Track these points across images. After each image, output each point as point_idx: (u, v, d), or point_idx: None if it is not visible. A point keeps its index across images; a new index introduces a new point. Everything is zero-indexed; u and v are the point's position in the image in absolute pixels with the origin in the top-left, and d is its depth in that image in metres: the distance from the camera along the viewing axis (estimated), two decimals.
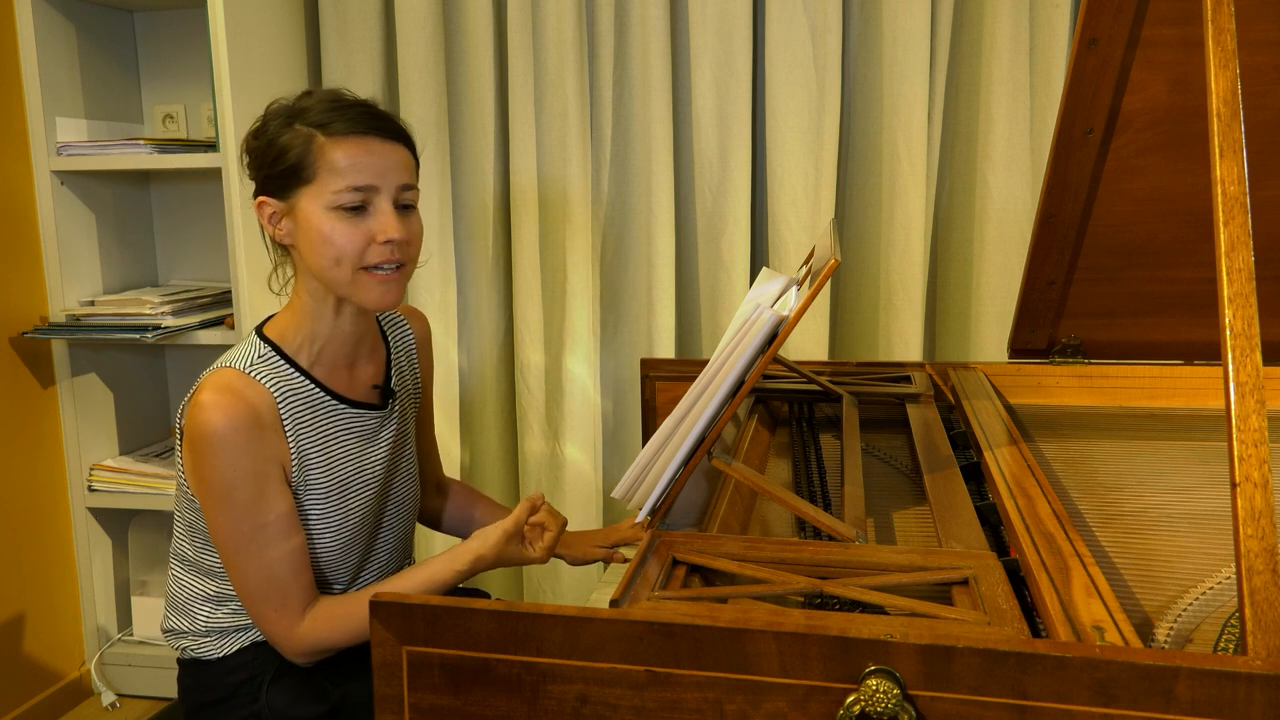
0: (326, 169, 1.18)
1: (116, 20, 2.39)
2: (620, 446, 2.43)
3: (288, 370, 1.23)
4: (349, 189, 1.18)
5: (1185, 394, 1.62)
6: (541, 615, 0.77)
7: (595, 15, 2.24)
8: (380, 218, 1.19)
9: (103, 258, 2.35)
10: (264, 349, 1.24)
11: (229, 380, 1.17)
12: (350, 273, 1.19)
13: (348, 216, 1.18)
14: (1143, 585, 0.97)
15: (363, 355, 1.32)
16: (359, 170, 1.18)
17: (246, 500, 1.17)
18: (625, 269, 2.35)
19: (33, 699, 2.27)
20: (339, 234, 1.18)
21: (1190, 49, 1.34)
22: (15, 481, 2.23)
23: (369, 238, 1.19)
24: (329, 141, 1.18)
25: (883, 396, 1.62)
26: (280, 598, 1.19)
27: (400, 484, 1.37)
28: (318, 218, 1.18)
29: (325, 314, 1.25)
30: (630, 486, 1.21)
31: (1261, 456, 0.77)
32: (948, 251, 2.26)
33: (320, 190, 1.18)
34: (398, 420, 1.35)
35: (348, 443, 1.28)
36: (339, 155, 1.18)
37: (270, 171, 1.21)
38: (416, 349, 1.44)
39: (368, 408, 1.31)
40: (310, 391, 1.25)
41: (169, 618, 1.32)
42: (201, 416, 1.15)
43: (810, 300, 1.09)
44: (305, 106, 1.21)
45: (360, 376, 1.32)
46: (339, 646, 1.22)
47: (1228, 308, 0.82)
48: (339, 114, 1.20)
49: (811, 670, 0.73)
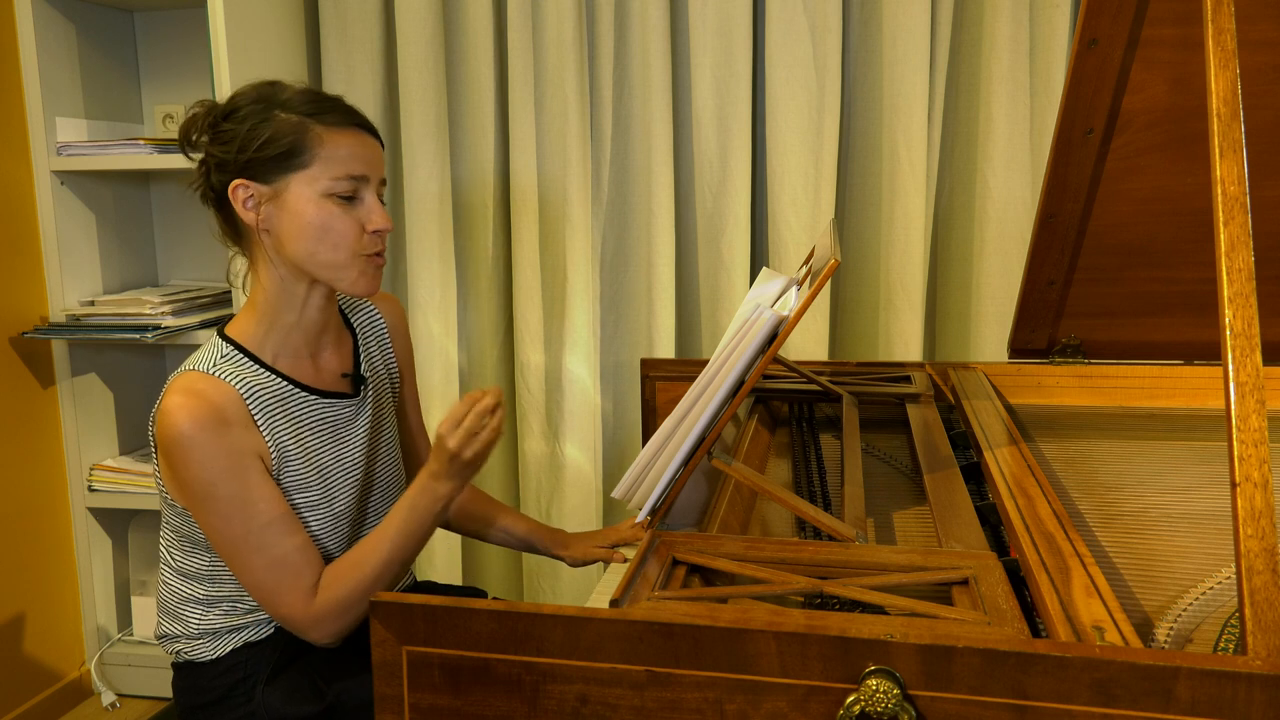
0: (325, 156, 1.19)
1: (116, 20, 2.39)
2: (620, 446, 2.42)
3: (252, 367, 1.24)
4: (348, 177, 1.20)
5: (1185, 394, 1.62)
6: (541, 615, 0.77)
7: (595, 15, 2.24)
8: (369, 208, 1.23)
9: (103, 258, 2.35)
10: (226, 348, 1.24)
11: (191, 382, 1.18)
12: (348, 258, 1.22)
13: (341, 204, 1.21)
14: (1143, 585, 0.97)
15: (326, 345, 1.33)
16: (357, 160, 1.21)
17: (230, 496, 1.16)
18: (625, 269, 2.35)
19: (33, 699, 2.27)
20: (336, 221, 1.20)
21: (1190, 49, 1.34)
22: (15, 481, 2.23)
23: (361, 226, 1.22)
24: (326, 130, 1.20)
25: (883, 396, 1.61)
26: (293, 579, 1.18)
27: (383, 469, 1.37)
28: (313, 204, 1.19)
29: (292, 303, 1.26)
30: (630, 486, 1.21)
31: (1261, 456, 0.77)
32: (948, 251, 2.26)
33: (316, 176, 1.19)
34: (373, 406, 1.36)
35: (322, 433, 1.28)
36: (340, 144, 1.20)
37: (255, 155, 1.19)
38: (389, 334, 1.44)
39: (339, 396, 1.31)
40: (277, 385, 1.25)
41: (161, 623, 1.32)
42: (168, 421, 1.15)
43: (810, 300, 1.09)
44: (285, 97, 1.21)
45: (326, 366, 1.32)
46: (355, 605, 1.20)
47: (1228, 308, 0.82)
48: (328, 105, 1.22)
49: (811, 670, 0.73)
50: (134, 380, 2.48)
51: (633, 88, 2.26)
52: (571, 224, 2.29)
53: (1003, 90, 2.10)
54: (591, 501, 2.37)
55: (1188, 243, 1.53)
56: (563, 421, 2.36)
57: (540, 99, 2.28)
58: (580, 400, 2.35)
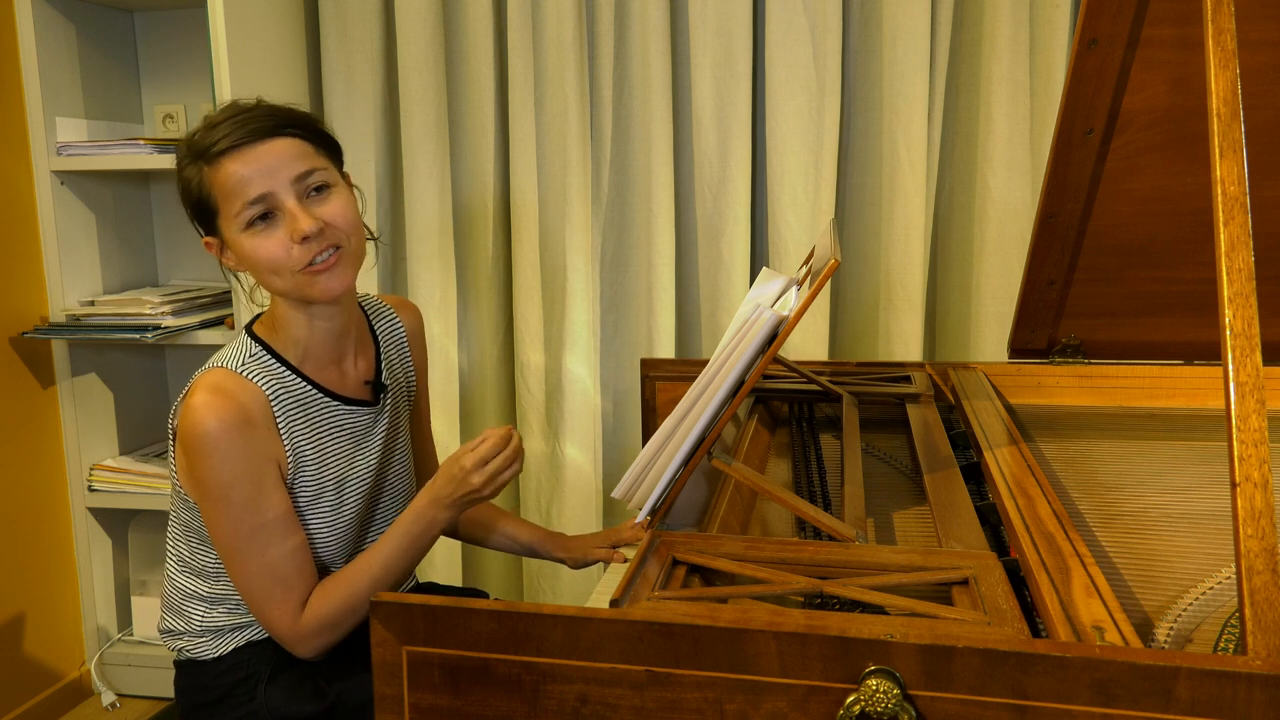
0: (222, 195, 1.18)
1: (116, 20, 2.39)
2: (620, 446, 2.42)
3: (279, 368, 1.24)
4: (245, 205, 1.17)
5: (1185, 394, 1.62)
6: (541, 615, 0.77)
7: (595, 15, 2.24)
8: (288, 218, 1.17)
9: (103, 258, 2.35)
10: (254, 347, 1.24)
11: (220, 380, 1.18)
12: (291, 278, 1.19)
13: (262, 230, 1.18)
14: (1143, 585, 0.97)
15: (349, 351, 1.32)
16: (245, 183, 1.17)
17: (244, 500, 1.17)
18: (625, 269, 2.35)
19: (33, 699, 2.27)
20: (261, 250, 1.18)
21: (1190, 49, 1.34)
22: (15, 481, 2.23)
23: (288, 241, 1.18)
24: (211, 169, 1.18)
25: (883, 396, 1.61)
26: (284, 592, 1.19)
27: (394, 479, 1.37)
28: (241, 242, 1.19)
29: (299, 319, 1.26)
30: (630, 486, 1.21)
31: (1261, 456, 0.77)
32: (948, 251, 2.26)
33: (227, 217, 1.19)
34: (390, 415, 1.35)
35: (341, 440, 1.28)
36: (223, 178, 1.17)
37: (190, 213, 1.23)
38: (408, 340, 1.44)
39: (360, 404, 1.31)
40: (302, 389, 1.25)
41: (165, 618, 1.32)
42: (194, 418, 1.15)
43: (810, 300, 1.09)
44: (197, 139, 1.20)
45: (350, 373, 1.32)
46: (341, 623, 1.21)
47: (1228, 308, 0.82)
48: (212, 136, 1.18)
49: (811, 670, 0.72)
50: (134, 380, 2.48)
51: (633, 88, 2.26)
52: (571, 224, 2.29)
53: (1003, 90, 2.10)
54: (591, 502, 2.37)
55: (1188, 243, 1.53)
56: (563, 421, 2.36)
57: (540, 99, 2.28)
58: (580, 400, 2.35)
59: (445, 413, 2.39)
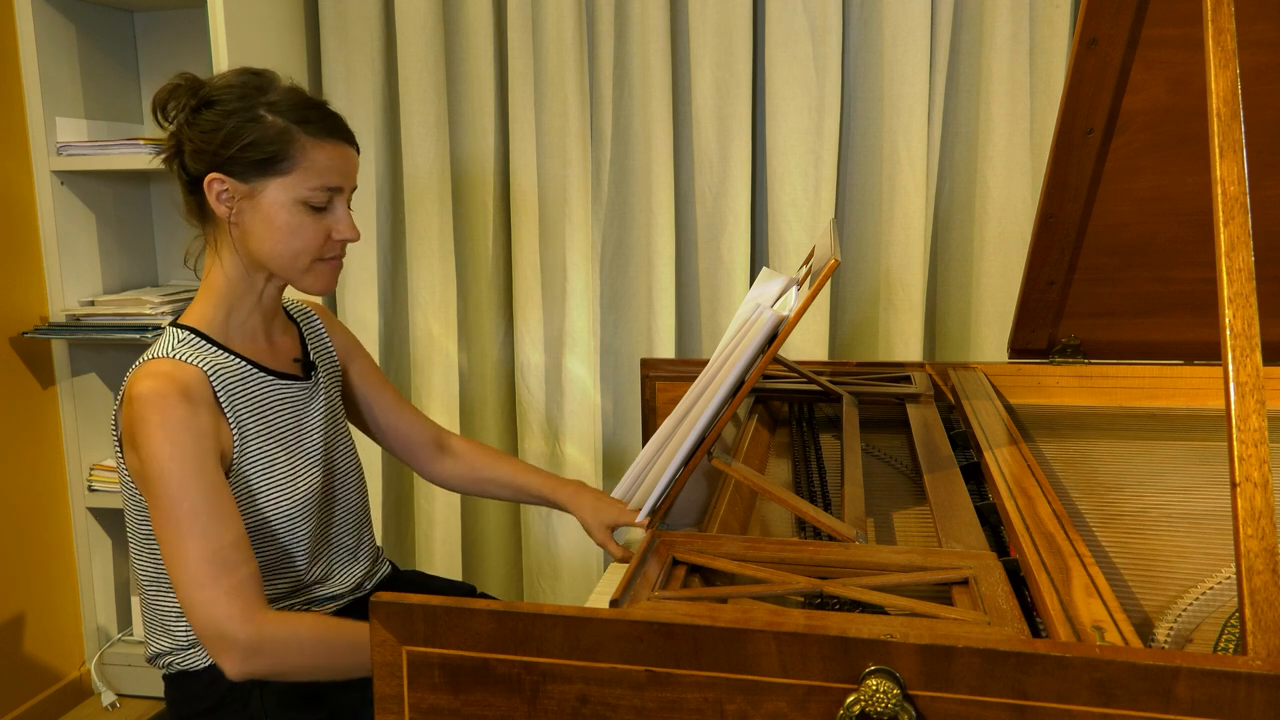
0: (306, 166, 1.21)
1: (116, 20, 2.39)
2: (620, 446, 2.43)
3: (211, 349, 1.24)
4: (323, 188, 1.23)
5: (1185, 394, 1.62)
6: (541, 615, 0.77)
7: (595, 15, 2.24)
8: (338, 217, 1.25)
9: (103, 258, 2.35)
10: (183, 334, 1.24)
11: (155, 368, 1.18)
12: (308, 261, 1.25)
13: (312, 212, 1.23)
14: (1143, 585, 0.97)
15: (276, 329, 1.35)
16: (335, 172, 1.23)
17: (184, 476, 1.13)
18: (625, 269, 2.35)
19: (33, 699, 2.27)
20: (305, 228, 1.22)
21: (1190, 49, 1.34)
22: (15, 481, 2.23)
23: (327, 234, 1.25)
24: (310, 140, 1.21)
25: (883, 396, 1.61)
26: (226, 576, 1.12)
27: (340, 458, 1.38)
28: (285, 210, 1.21)
29: (252, 288, 1.27)
30: (630, 486, 1.21)
31: (1261, 456, 0.77)
32: (948, 251, 2.26)
33: (294, 184, 1.21)
34: (324, 394, 1.37)
35: (283, 412, 1.30)
36: (321, 156, 1.22)
37: (234, 154, 1.20)
38: (325, 328, 1.45)
39: (293, 378, 1.33)
40: (237, 364, 1.25)
41: (151, 645, 1.29)
42: (133, 402, 1.15)
43: (810, 300, 1.10)
44: (272, 98, 1.21)
45: (279, 348, 1.34)
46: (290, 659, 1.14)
47: (1228, 308, 0.82)
48: (314, 114, 1.23)
49: (811, 670, 0.72)
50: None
51: (633, 88, 2.26)
52: (571, 223, 2.29)
53: (1003, 90, 2.10)
54: None
55: (1188, 243, 1.53)
56: (563, 421, 2.36)
57: (540, 99, 2.28)
58: (580, 400, 2.35)
59: (446, 413, 2.39)
